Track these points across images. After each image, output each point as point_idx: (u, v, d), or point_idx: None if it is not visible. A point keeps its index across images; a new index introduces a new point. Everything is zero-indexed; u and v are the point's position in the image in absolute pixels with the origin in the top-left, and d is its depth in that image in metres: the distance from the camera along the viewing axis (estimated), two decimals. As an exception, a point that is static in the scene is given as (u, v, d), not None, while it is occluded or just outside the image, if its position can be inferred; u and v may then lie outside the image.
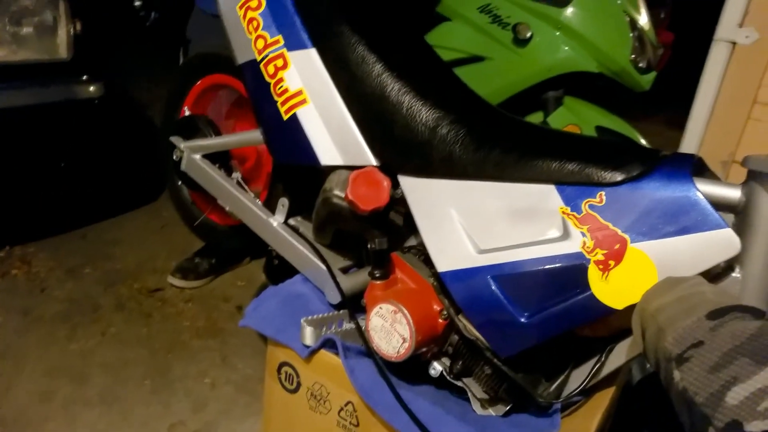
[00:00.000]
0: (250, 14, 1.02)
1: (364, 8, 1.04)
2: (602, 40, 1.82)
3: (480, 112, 0.96)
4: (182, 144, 1.27)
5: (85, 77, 1.95)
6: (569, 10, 1.80)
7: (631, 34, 1.80)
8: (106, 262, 2.06)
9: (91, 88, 1.96)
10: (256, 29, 1.02)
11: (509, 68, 1.89)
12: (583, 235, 0.78)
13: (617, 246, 0.75)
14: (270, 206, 1.18)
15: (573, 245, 0.78)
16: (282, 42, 1.00)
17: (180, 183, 1.37)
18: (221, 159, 1.27)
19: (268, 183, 1.24)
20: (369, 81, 0.95)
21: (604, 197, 0.77)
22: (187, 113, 1.38)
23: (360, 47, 0.96)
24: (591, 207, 0.78)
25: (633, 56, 1.82)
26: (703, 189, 0.72)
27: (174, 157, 1.29)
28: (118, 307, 1.82)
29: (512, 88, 1.91)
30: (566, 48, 1.83)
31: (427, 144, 0.90)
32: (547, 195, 0.81)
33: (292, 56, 1.00)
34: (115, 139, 2.20)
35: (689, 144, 1.71)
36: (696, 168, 0.76)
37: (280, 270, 1.22)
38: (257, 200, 1.21)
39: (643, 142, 1.85)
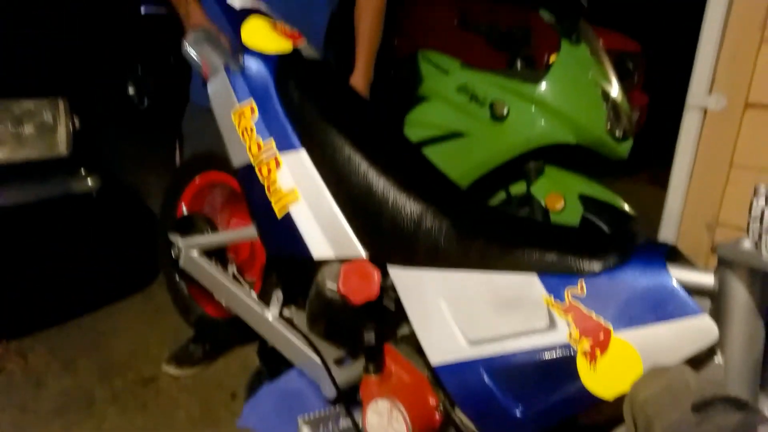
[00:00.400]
0: (244, 122, 1.08)
1: (347, 110, 1.10)
2: (577, 113, 1.88)
3: (462, 204, 1.01)
4: (180, 242, 1.31)
5: (82, 171, 2.01)
6: (543, 86, 1.87)
7: (604, 105, 1.88)
8: (102, 352, 2.05)
9: (89, 182, 2.01)
10: (250, 136, 1.08)
11: (488, 143, 1.95)
12: (569, 324, 0.80)
13: (601, 336, 0.77)
14: (264, 297, 1.21)
15: (560, 336, 0.80)
16: (274, 145, 1.06)
17: (178, 278, 1.40)
18: (217, 253, 1.31)
19: (262, 273, 1.27)
20: (355, 178, 1.00)
21: (584, 287, 0.80)
22: (184, 210, 1.42)
23: (346, 147, 1.01)
24: (574, 296, 0.81)
25: (609, 126, 1.88)
26: (678, 276, 0.75)
27: (172, 254, 1.32)
28: (113, 400, 1.80)
29: (492, 161, 1.96)
30: (543, 122, 1.89)
31: (413, 236, 0.94)
32: (531, 284, 0.84)
33: (284, 157, 1.06)
34: (110, 228, 2.24)
35: (672, 208, 1.75)
36: (670, 255, 0.80)
37: (274, 354, 1.22)
38: (252, 293, 1.23)
39: (626, 207, 1.90)
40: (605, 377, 0.76)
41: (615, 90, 1.91)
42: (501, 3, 3.76)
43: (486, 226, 0.93)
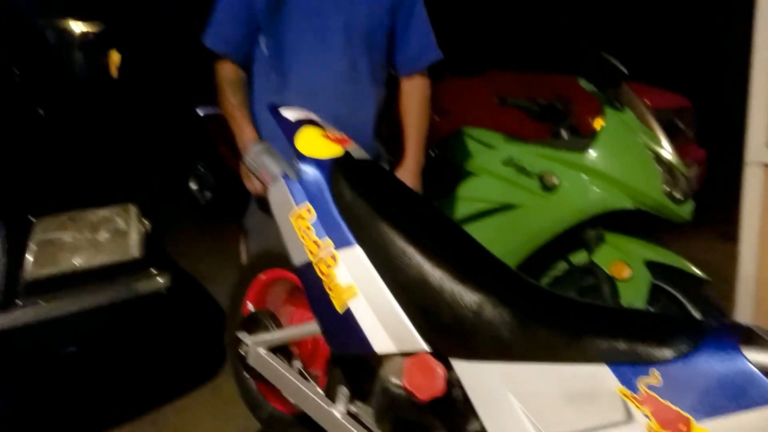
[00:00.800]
0: (302, 223, 1.14)
1: (398, 204, 1.14)
2: (630, 177, 1.83)
3: (521, 290, 1.00)
4: (248, 339, 1.36)
5: (153, 270, 2.12)
6: (591, 153, 1.84)
7: (658, 168, 1.83)
8: (174, 449, 2.08)
9: (159, 280, 2.11)
10: (308, 236, 1.13)
11: (542, 214, 1.91)
12: (647, 417, 0.77)
13: (682, 428, 0.74)
14: (330, 393, 1.21)
15: (639, 429, 0.77)
16: (332, 244, 1.10)
17: (246, 375, 1.44)
18: (282, 348, 1.34)
19: (326, 368, 1.29)
20: (410, 271, 1.01)
21: (659, 376, 0.77)
22: (249, 307, 1.48)
23: (399, 240, 1.04)
24: (649, 387, 0.78)
25: (666, 189, 1.83)
26: (756, 360, 0.72)
27: (241, 352, 1.37)
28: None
29: (547, 232, 1.91)
30: (596, 189, 1.85)
31: (474, 328, 0.94)
32: (603, 375, 0.82)
33: (340, 254, 1.09)
34: (178, 323, 2.32)
35: (747, 272, 1.66)
36: (745, 336, 0.76)
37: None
38: (318, 389, 1.25)
39: (697, 271, 1.81)
40: (691, 473, 0.72)
41: (667, 151, 1.87)
42: (535, 73, 3.81)
43: (548, 314, 0.92)
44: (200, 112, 5.29)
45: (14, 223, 1.80)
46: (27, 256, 1.81)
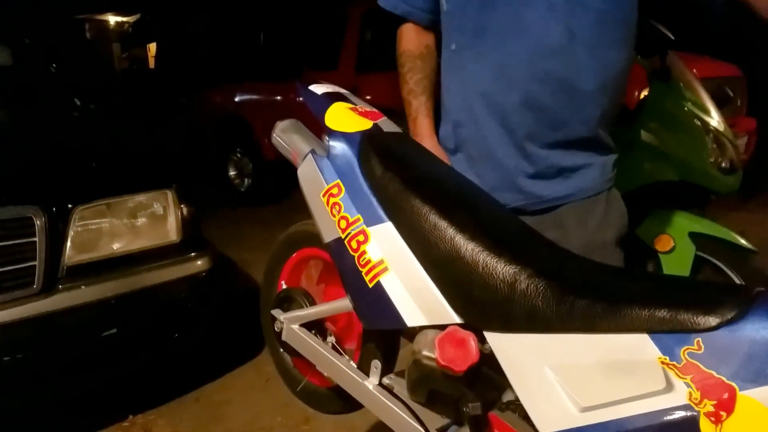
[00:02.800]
0: (332, 200, 1.14)
1: (430, 177, 1.12)
2: (677, 149, 1.80)
3: (557, 260, 0.97)
4: (282, 316, 1.37)
5: (192, 254, 2.17)
6: (637, 126, 1.82)
7: (706, 138, 1.78)
8: (218, 424, 2.15)
9: (199, 263, 2.16)
10: (338, 212, 1.12)
11: None
12: (688, 385, 0.74)
13: (726, 395, 0.71)
14: (364, 367, 1.22)
15: (679, 397, 0.74)
16: (362, 220, 1.09)
17: (282, 351, 1.46)
18: (316, 325, 1.35)
19: (360, 342, 1.29)
20: (443, 245, 1.00)
21: (702, 344, 0.74)
22: (284, 286, 1.50)
23: (431, 216, 1.02)
24: (690, 355, 0.75)
25: (713, 159, 1.78)
26: None
27: (275, 328, 1.39)
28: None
29: None
30: (641, 162, 1.82)
31: (508, 300, 0.92)
32: (643, 345, 0.79)
33: (371, 231, 1.08)
34: (219, 304, 2.37)
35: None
36: None
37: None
38: (352, 363, 1.25)
39: (743, 241, 1.75)
40: (736, 441, 0.69)
41: (715, 120, 1.80)
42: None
43: (586, 284, 0.89)
44: (238, 98, 5.33)
45: (55, 212, 1.87)
46: (67, 242, 1.88)
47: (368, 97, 3.74)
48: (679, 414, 0.74)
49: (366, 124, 1.17)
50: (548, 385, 0.86)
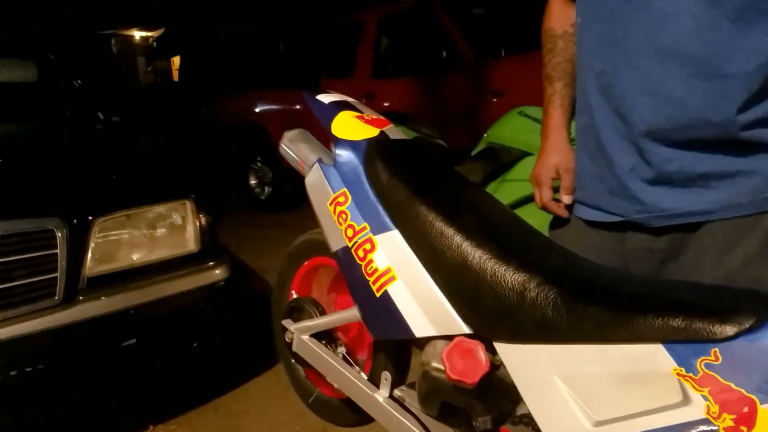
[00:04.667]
0: (339, 208, 1.13)
1: (436, 185, 1.10)
2: None
3: (569, 267, 0.94)
4: (292, 326, 1.36)
5: (211, 263, 2.17)
6: None
7: None
8: (237, 433, 2.14)
9: (218, 272, 2.17)
10: (345, 220, 1.11)
11: None
12: (705, 398, 0.70)
13: (746, 409, 0.67)
14: (374, 378, 1.20)
15: (696, 411, 0.70)
16: (368, 228, 1.08)
17: (293, 361, 1.45)
18: (326, 335, 1.34)
19: (371, 352, 1.27)
20: (450, 253, 0.97)
21: (719, 354, 0.70)
22: (294, 295, 1.49)
23: (437, 223, 1.00)
24: (707, 366, 0.71)
25: None
26: None
27: (286, 339, 1.38)
28: (248, 485, 1.84)
29: None
30: None
31: (517, 309, 0.89)
32: (657, 356, 0.75)
33: (378, 239, 1.07)
34: (237, 313, 2.37)
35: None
36: None
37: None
38: (362, 374, 1.23)
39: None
40: (757, 459, 0.65)
41: None
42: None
43: (597, 292, 0.86)
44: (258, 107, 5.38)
45: (75, 224, 1.89)
46: (88, 254, 1.90)
47: (386, 104, 3.79)
48: (697, 429, 0.70)
49: (372, 132, 1.16)
50: (560, 398, 0.83)
